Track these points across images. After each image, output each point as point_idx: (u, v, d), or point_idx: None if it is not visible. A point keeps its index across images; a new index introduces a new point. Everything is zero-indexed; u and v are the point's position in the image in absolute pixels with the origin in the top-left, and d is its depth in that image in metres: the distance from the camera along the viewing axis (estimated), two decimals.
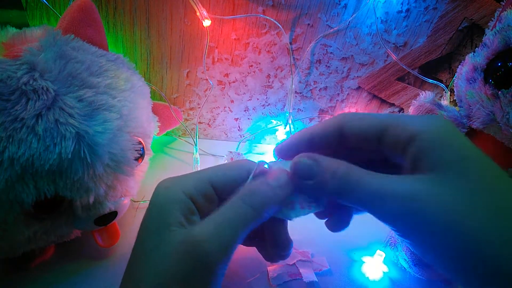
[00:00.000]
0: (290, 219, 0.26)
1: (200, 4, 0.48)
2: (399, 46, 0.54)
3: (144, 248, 0.22)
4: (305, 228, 0.49)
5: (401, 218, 0.19)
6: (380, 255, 0.45)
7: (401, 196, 0.19)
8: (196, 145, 0.56)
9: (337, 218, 0.27)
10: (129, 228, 0.44)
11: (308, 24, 0.52)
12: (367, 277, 0.43)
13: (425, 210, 0.19)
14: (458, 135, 0.20)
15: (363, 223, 0.47)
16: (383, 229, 0.48)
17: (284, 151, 0.26)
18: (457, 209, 0.18)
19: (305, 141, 0.25)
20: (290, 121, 0.60)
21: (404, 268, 0.43)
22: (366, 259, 0.45)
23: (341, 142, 0.24)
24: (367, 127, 0.23)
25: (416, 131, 0.20)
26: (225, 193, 0.24)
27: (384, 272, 0.44)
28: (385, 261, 0.44)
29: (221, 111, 0.61)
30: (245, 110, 0.61)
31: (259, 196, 0.22)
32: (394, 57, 0.54)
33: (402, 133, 0.21)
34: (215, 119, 0.62)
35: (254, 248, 0.45)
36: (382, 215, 0.20)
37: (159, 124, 0.51)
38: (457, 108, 0.45)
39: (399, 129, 0.21)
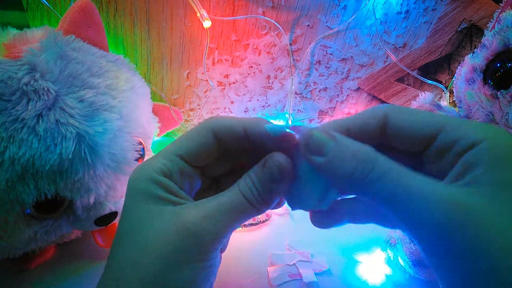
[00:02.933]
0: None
1: (200, 5, 0.48)
2: (399, 47, 0.54)
3: (129, 227, 0.21)
4: (305, 228, 0.49)
5: (441, 230, 0.16)
6: (380, 255, 0.45)
7: (450, 204, 0.16)
8: None
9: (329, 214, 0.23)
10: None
11: (308, 25, 0.53)
12: (367, 278, 0.43)
13: (484, 228, 0.16)
14: None
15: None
16: (383, 229, 0.48)
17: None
18: None
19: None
20: (290, 122, 0.60)
21: (404, 268, 0.43)
22: (365, 259, 0.45)
23: (380, 141, 0.21)
24: (421, 124, 0.19)
25: (478, 138, 0.17)
26: (196, 162, 0.23)
27: (384, 273, 0.44)
28: (385, 261, 0.45)
29: (221, 112, 0.61)
30: (245, 111, 0.61)
31: (258, 191, 0.21)
32: (393, 58, 0.54)
33: (461, 137, 0.18)
34: None
35: (254, 248, 0.45)
36: (415, 221, 0.17)
37: (160, 125, 0.51)
38: (456, 109, 0.45)
39: (458, 132, 0.18)
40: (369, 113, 0.21)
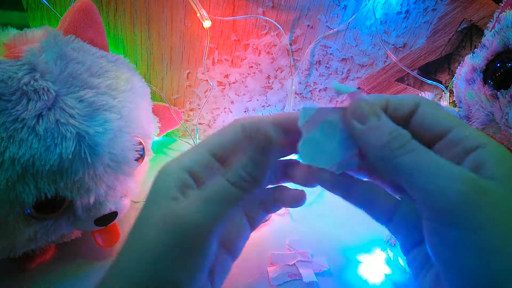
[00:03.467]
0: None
1: (200, 5, 0.48)
2: (399, 47, 0.54)
3: (135, 222, 0.22)
4: (305, 228, 0.49)
5: (457, 204, 0.18)
6: (380, 255, 0.45)
7: (471, 182, 0.18)
8: None
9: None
10: (129, 228, 0.45)
11: (308, 25, 0.53)
12: (367, 278, 0.43)
13: (497, 210, 0.18)
14: None
15: (363, 223, 0.47)
16: (383, 229, 0.48)
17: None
18: None
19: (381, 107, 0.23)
20: None
21: (404, 268, 0.43)
22: (365, 259, 0.45)
23: (404, 125, 0.22)
24: (440, 120, 0.21)
25: (483, 141, 0.20)
26: (226, 159, 0.23)
27: (384, 272, 0.44)
28: (385, 261, 0.45)
29: (221, 112, 0.61)
30: (245, 111, 0.61)
31: (243, 173, 0.21)
32: (393, 58, 0.54)
33: (468, 137, 0.20)
34: (215, 120, 0.62)
35: (254, 248, 0.45)
36: (434, 195, 0.19)
37: (159, 125, 0.51)
38: (456, 109, 0.45)
39: (466, 132, 0.20)
40: (406, 97, 0.23)
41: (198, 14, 0.49)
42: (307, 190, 0.26)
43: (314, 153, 0.23)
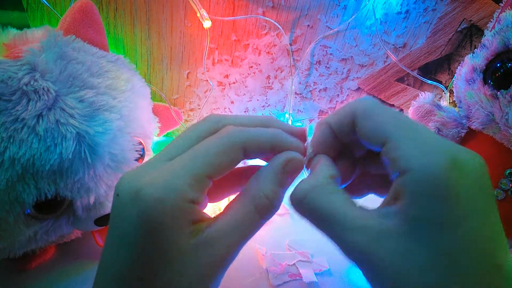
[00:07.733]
0: None
1: (200, 5, 0.48)
2: (399, 47, 0.54)
3: (154, 258, 0.19)
4: (305, 229, 0.49)
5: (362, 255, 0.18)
6: None
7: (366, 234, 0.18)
8: None
9: None
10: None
11: (308, 25, 0.53)
12: None
13: (382, 265, 0.17)
14: (482, 181, 0.17)
15: None
16: None
17: (315, 149, 0.24)
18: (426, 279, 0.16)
19: (328, 134, 0.23)
20: (290, 122, 0.60)
21: None
22: None
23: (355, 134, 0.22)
24: (371, 132, 0.20)
25: (407, 166, 0.17)
26: (220, 177, 0.22)
27: None
28: None
29: (221, 112, 0.61)
30: (245, 111, 0.61)
31: (275, 209, 0.22)
32: (393, 58, 0.54)
33: (396, 159, 0.18)
34: None
35: (254, 248, 0.45)
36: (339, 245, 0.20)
37: (159, 125, 0.51)
38: (456, 109, 0.45)
39: (396, 152, 0.18)
40: (342, 112, 0.22)
41: (198, 14, 0.49)
42: None
43: None
